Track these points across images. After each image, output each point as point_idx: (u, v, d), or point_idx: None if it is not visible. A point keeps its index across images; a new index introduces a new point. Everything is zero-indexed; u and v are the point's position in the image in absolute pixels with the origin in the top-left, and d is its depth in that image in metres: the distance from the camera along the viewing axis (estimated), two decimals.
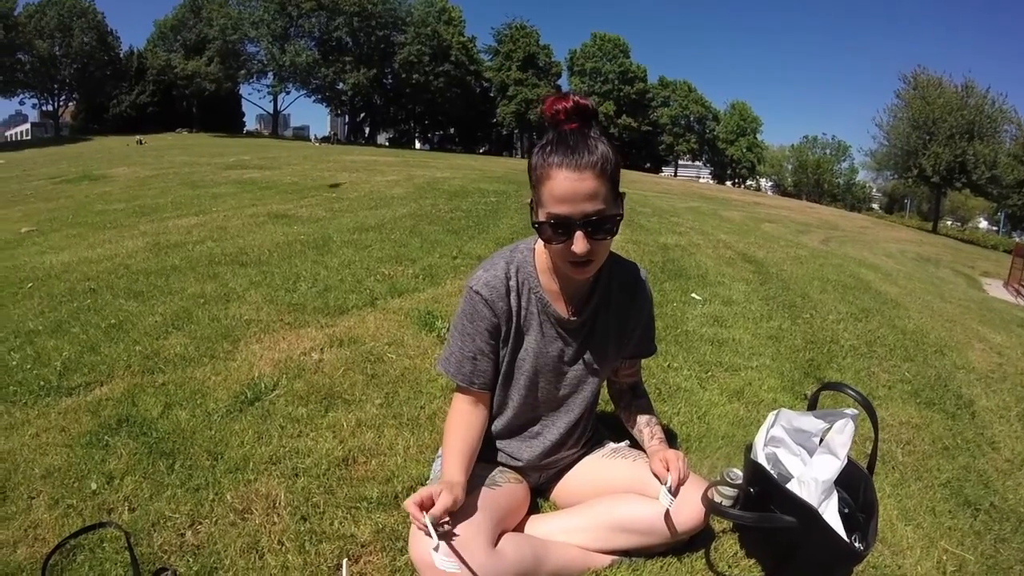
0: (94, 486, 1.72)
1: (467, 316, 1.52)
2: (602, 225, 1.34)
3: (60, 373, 2.47)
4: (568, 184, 1.29)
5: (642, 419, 1.72)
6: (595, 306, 1.58)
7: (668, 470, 1.49)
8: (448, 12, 55.48)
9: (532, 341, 1.55)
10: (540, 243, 1.50)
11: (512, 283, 1.51)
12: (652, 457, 1.59)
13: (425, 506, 1.27)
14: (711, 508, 1.51)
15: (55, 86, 48.70)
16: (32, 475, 1.78)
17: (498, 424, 1.65)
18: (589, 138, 1.33)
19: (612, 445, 1.78)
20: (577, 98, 1.36)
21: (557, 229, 1.34)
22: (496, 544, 1.38)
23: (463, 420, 1.54)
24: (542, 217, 1.35)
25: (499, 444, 1.68)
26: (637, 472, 1.62)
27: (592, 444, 1.78)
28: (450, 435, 1.52)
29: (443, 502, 1.28)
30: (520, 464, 1.66)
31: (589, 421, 1.74)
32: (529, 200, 1.43)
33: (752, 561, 1.65)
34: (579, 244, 1.32)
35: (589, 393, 1.65)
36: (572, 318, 1.55)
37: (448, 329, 3.07)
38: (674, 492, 1.46)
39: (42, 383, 2.37)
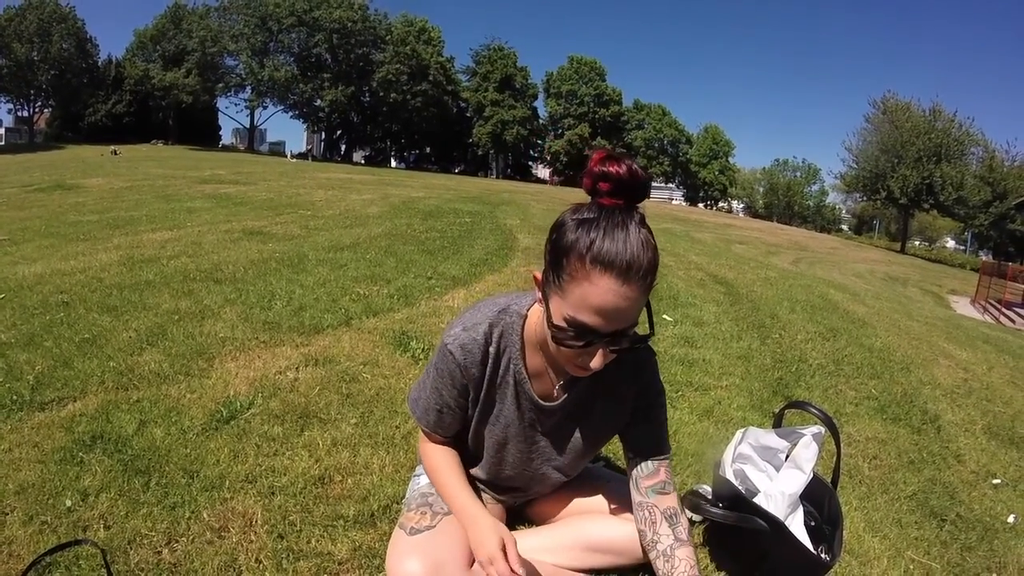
0: (69, 503, 1.71)
1: (438, 371, 1.38)
2: (628, 342, 1.16)
3: (33, 387, 2.43)
4: (611, 298, 1.07)
5: None
6: (585, 388, 1.41)
7: None
8: (427, 32, 55.96)
9: (502, 412, 1.44)
10: (533, 312, 1.35)
11: (492, 349, 1.35)
12: None
13: (509, 558, 1.25)
14: (691, 506, 1.56)
15: (31, 91, 48.03)
16: (5, 491, 1.76)
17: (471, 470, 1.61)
18: (641, 230, 1.10)
19: (587, 466, 1.80)
20: (634, 166, 1.10)
21: (577, 338, 1.13)
22: (472, 564, 1.37)
23: (445, 454, 1.49)
24: (559, 318, 1.13)
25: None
26: (610, 493, 1.64)
27: None
28: (442, 473, 1.45)
29: (509, 547, 1.27)
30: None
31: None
32: (539, 274, 1.22)
33: (723, 575, 1.69)
34: (597, 360, 1.16)
35: (564, 475, 1.54)
36: (552, 403, 1.41)
37: (422, 352, 3.09)
38: None
39: (14, 397, 2.34)
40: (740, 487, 1.65)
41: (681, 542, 1.35)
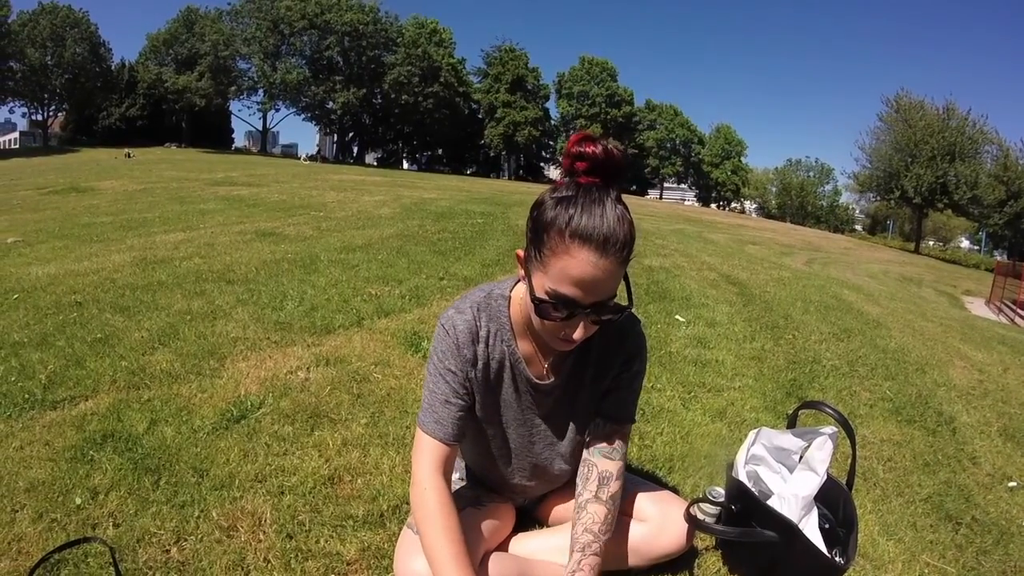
0: (78, 501, 1.71)
1: (439, 355, 1.35)
2: (609, 311, 1.19)
3: (45, 386, 2.45)
4: (589, 269, 1.10)
5: (584, 534, 1.36)
6: (574, 365, 1.43)
7: None
8: (439, 34, 56.16)
9: (500, 396, 1.43)
10: (516, 292, 1.38)
11: (483, 333, 1.36)
12: None
13: None
14: (694, 524, 1.53)
15: (45, 96, 48.76)
16: (16, 488, 1.77)
17: (475, 473, 1.62)
18: (617, 206, 1.13)
19: None
20: (610, 146, 1.15)
21: (559, 310, 1.16)
22: (479, 562, 1.37)
23: (448, 510, 1.27)
24: (541, 291, 1.17)
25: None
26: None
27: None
28: (442, 539, 1.24)
29: None
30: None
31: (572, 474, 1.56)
32: (521, 251, 1.27)
33: None
34: (580, 331, 1.19)
35: (565, 462, 1.54)
36: (546, 382, 1.42)
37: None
38: None
39: (27, 396, 2.36)
40: (753, 489, 1.63)
41: (599, 500, 1.39)
